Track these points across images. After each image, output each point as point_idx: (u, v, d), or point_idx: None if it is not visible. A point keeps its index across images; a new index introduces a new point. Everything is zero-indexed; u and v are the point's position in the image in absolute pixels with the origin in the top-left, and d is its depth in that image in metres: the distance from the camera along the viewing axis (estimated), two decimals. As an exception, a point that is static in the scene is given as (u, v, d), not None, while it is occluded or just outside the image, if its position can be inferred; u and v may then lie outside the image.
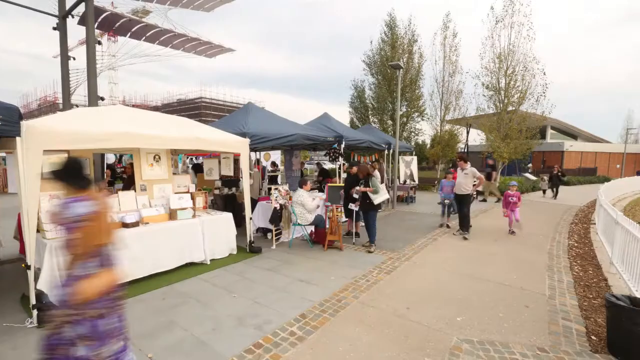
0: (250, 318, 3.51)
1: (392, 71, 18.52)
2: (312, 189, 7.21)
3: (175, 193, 5.33)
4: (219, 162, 7.13)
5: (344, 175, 8.51)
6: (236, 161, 7.21)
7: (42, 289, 3.51)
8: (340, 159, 8.17)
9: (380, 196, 6.01)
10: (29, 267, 3.41)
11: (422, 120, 20.49)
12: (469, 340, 3.10)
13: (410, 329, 3.31)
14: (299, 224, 6.33)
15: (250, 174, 6.15)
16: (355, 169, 6.77)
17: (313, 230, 6.57)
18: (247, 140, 5.70)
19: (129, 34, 15.50)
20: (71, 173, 2.00)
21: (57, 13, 13.51)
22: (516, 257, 5.67)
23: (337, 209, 6.17)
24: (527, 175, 19.17)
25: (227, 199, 7.49)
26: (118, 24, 14.75)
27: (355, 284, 4.43)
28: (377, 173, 9.50)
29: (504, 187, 14.95)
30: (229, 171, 6.94)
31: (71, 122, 4.01)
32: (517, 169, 24.99)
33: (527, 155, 16.43)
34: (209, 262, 5.16)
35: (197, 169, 9.34)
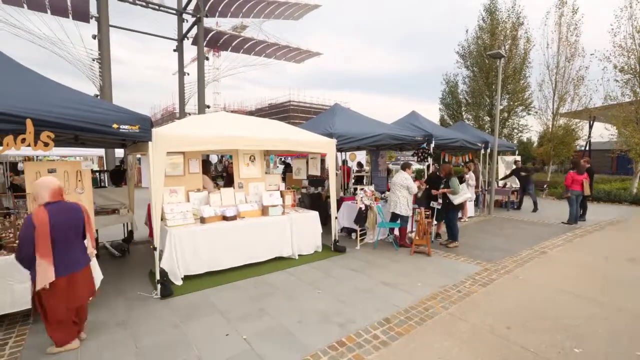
0: (334, 315, 3.57)
1: (491, 61, 16.60)
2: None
3: (267, 191, 5.78)
4: (307, 162, 7.45)
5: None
6: (322, 161, 7.44)
7: (164, 267, 4.20)
8: (429, 159, 7.69)
9: (460, 196, 6.03)
10: (155, 249, 4.12)
11: (528, 114, 17.81)
12: (592, 378, 2.56)
13: (512, 352, 2.90)
14: (384, 225, 6.18)
15: (336, 174, 6.26)
16: (434, 169, 6.70)
17: (398, 233, 6.34)
18: (333, 141, 5.82)
19: (230, 48, 17.43)
20: None
21: (176, 37, 16.04)
22: (663, 282, 4.47)
23: (424, 211, 5.82)
24: None
25: (313, 197, 7.79)
26: (222, 40, 16.69)
27: (445, 294, 4.11)
28: (471, 174, 8.68)
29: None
30: (316, 171, 7.20)
31: (186, 128, 4.71)
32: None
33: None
34: (296, 257, 5.44)
35: (286, 168, 9.93)
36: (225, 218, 4.92)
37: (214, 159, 15.74)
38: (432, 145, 7.61)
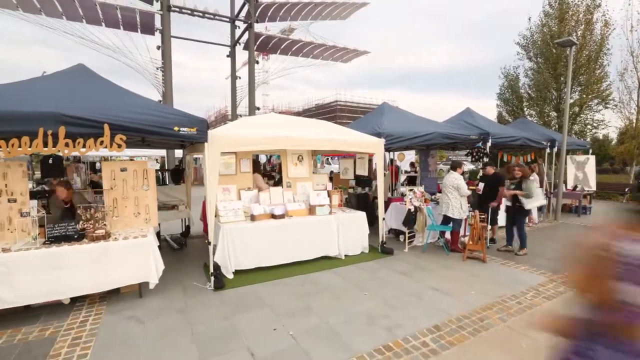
0: (381, 318, 3.49)
1: (560, 50, 14.98)
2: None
3: (314, 190, 5.84)
4: (354, 162, 7.40)
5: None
6: (369, 161, 7.33)
7: (217, 261, 4.45)
8: (485, 159, 7.18)
9: (533, 201, 5.58)
10: (209, 243, 4.38)
11: (605, 108, 15.74)
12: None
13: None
14: (434, 228, 5.90)
15: (384, 174, 6.13)
16: (490, 169, 6.21)
17: (450, 237, 6.02)
18: (382, 141, 5.71)
19: (278, 50, 17.95)
20: None
21: (229, 43, 16.94)
22: None
23: (479, 215, 5.44)
24: None
25: (360, 198, 7.71)
26: (271, 44, 17.27)
27: (503, 304, 3.80)
28: (535, 176, 7.93)
29: None
30: (363, 171, 7.12)
31: (238, 129, 4.95)
32: None
33: None
34: (343, 257, 5.43)
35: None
36: (273, 216, 5.07)
37: (262, 158, 16.34)
38: (489, 144, 7.10)
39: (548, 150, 9.02)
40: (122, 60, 13.05)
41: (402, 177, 9.18)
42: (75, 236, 3.73)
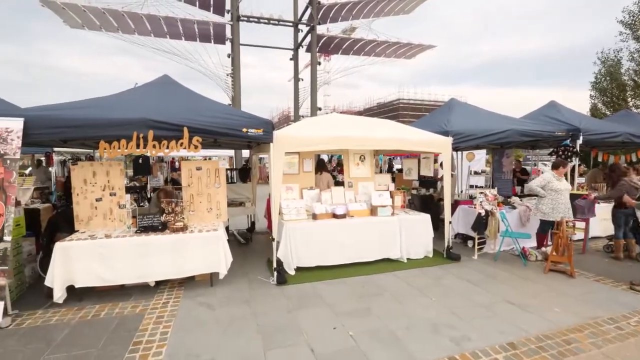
0: (446, 328, 3.27)
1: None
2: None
3: (376, 191, 5.72)
4: (418, 161, 7.08)
5: (579, 180, 6.46)
6: (435, 161, 6.94)
7: (280, 257, 4.62)
8: (574, 159, 6.29)
9: None
10: (273, 240, 4.57)
11: None
12: None
13: None
14: (509, 235, 5.36)
15: (452, 174, 5.75)
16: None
17: (529, 245, 5.41)
18: (449, 139, 5.36)
19: (340, 51, 17.98)
20: None
21: (292, 47, 17.51)
22: None
23: (567, 222, 4.78)
24: None
25: (424, 199, 7.35)
26: (332, 44, 17.38)
27: (597, 328, 3.28)
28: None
29: None
30: (428, 171, 6.77)
31: (301, 130, 5.08)
32: None
33: None
34: (405, 260, 5.23)
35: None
36: (335, 216, 5.10)
37: (324, 158, 16.57)
38: (579, 141, 6.21)
39: (659, 148, 7.56)
40: (197, 69, 14.38)
41: (472, 179, 8.51)
42: (159, 227, 4.20)
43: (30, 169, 9.24)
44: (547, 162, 15.14)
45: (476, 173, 8.85)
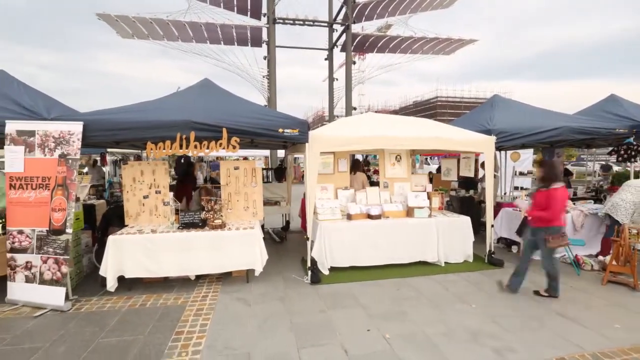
0: (488, 338, 3.09)
1: None
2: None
3: (413, 191, 5.56)
4: (458, 161, 6.78)
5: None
6: (475, 161, 6.60)
7: (314, 257, 4.64)
8: (639, 158, 5.67)
9: None
10: (308, 239, 4.60)
11: None
12: None
13: None
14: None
15: (495, 175, 5.44)
16: None
17: (583, 253, 4.97)
18: (492, 138, 5.07)
19: (375, 49, 17.66)
20: None
21: (327, 47, 17.54)
22: None
23: (629, 230, 4.33)
24: None
25: (464, 201, 7.02)
26: (367, 43, 17.12)
27: (666, 347, 2.93)
28: None
29: None
30: (468, 172, 6.45)
31: (336, 130, 5.06)
32: None
33: None
34: (442, 264, 5.03)
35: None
36: (370, 216, 5.03)
37: (359, 158, 16.40)
38: (646, 138, 5.58)
39: None
40: (234, 72, 14.89)
41: (517, 180, 7.99)
42: (200, 224, 4.40)
43: (87, 168, 10.10)
44: (602, 161, 13.80)
45: (521, 174, 8.28)
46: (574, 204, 5.92)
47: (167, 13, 13.00)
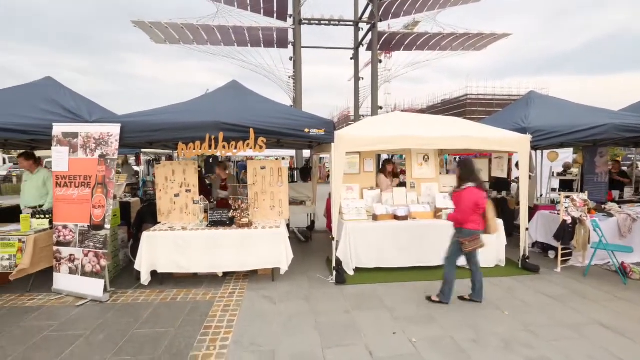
0: (520, 347, 2.95)
1: None
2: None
3: (441, 192, 5.40)
4: (489, 162, 6.52)
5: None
6: (509, 161, 6.32)
7: (339, 257, 4.63)
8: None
9: None
10: (333, 239, 4.60)
11: None
12: None
13: None
14: (605, 247, 4.61)
15: (530, 176, 5.17)
16: None
17: (624, 261, 4.61)
18: (527, 137, 4.82)
19: (402, 47, 17.29)
20: None
21: (352, 46, 17.43)
22: None
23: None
24: None
25: (496, 203, 6.71)
26: (394, 41, 16.80)
27: None
28: None
29: None
30: (501, 172, 6.18)
31: (362, 129, 5.01)
32: None
33: None
34: (471, 268, 4.84)
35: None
36: (396, 217, 4.94)
37: (383, 158, 16.17)
38: None
39: None
40: (261, 73, 15.17)
41: (554, 181, 7.56)
42: (227, 222, 4.52)
43: (119, 168, 10.68)
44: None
45: (559, 174, 7.81)
46: (620, 207, 5.51)
47: (197, 18, 13.46)
